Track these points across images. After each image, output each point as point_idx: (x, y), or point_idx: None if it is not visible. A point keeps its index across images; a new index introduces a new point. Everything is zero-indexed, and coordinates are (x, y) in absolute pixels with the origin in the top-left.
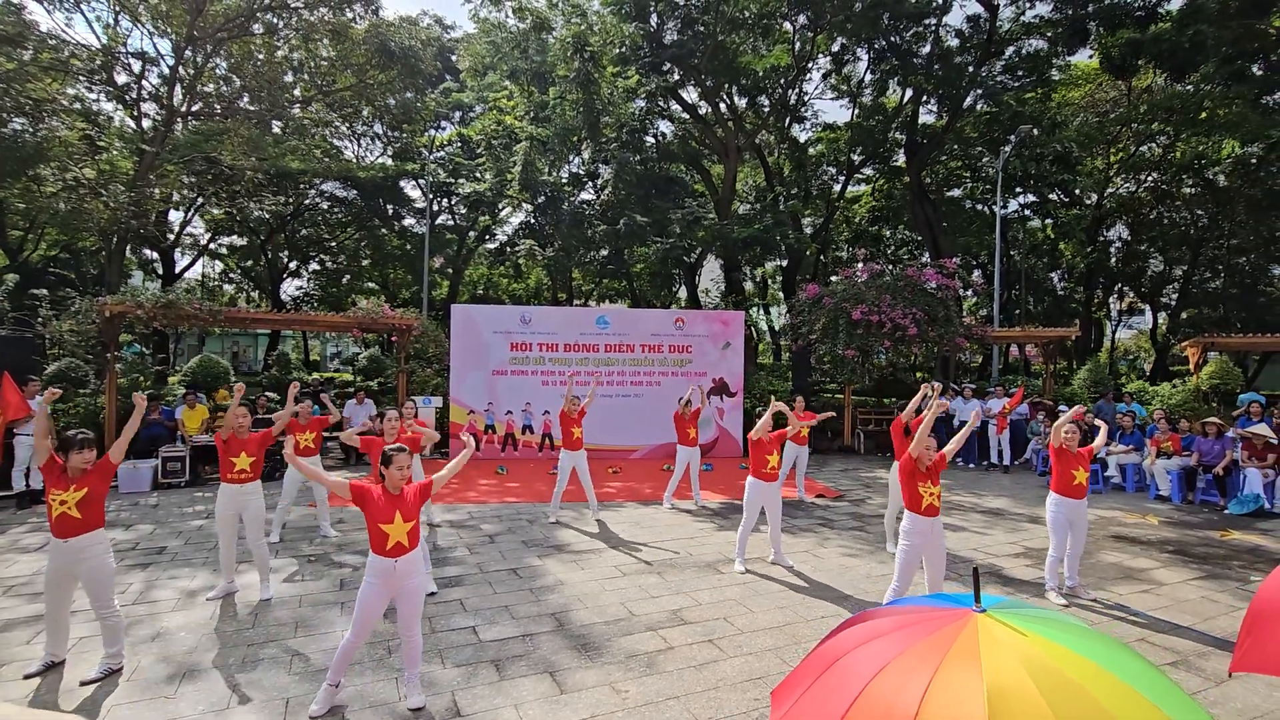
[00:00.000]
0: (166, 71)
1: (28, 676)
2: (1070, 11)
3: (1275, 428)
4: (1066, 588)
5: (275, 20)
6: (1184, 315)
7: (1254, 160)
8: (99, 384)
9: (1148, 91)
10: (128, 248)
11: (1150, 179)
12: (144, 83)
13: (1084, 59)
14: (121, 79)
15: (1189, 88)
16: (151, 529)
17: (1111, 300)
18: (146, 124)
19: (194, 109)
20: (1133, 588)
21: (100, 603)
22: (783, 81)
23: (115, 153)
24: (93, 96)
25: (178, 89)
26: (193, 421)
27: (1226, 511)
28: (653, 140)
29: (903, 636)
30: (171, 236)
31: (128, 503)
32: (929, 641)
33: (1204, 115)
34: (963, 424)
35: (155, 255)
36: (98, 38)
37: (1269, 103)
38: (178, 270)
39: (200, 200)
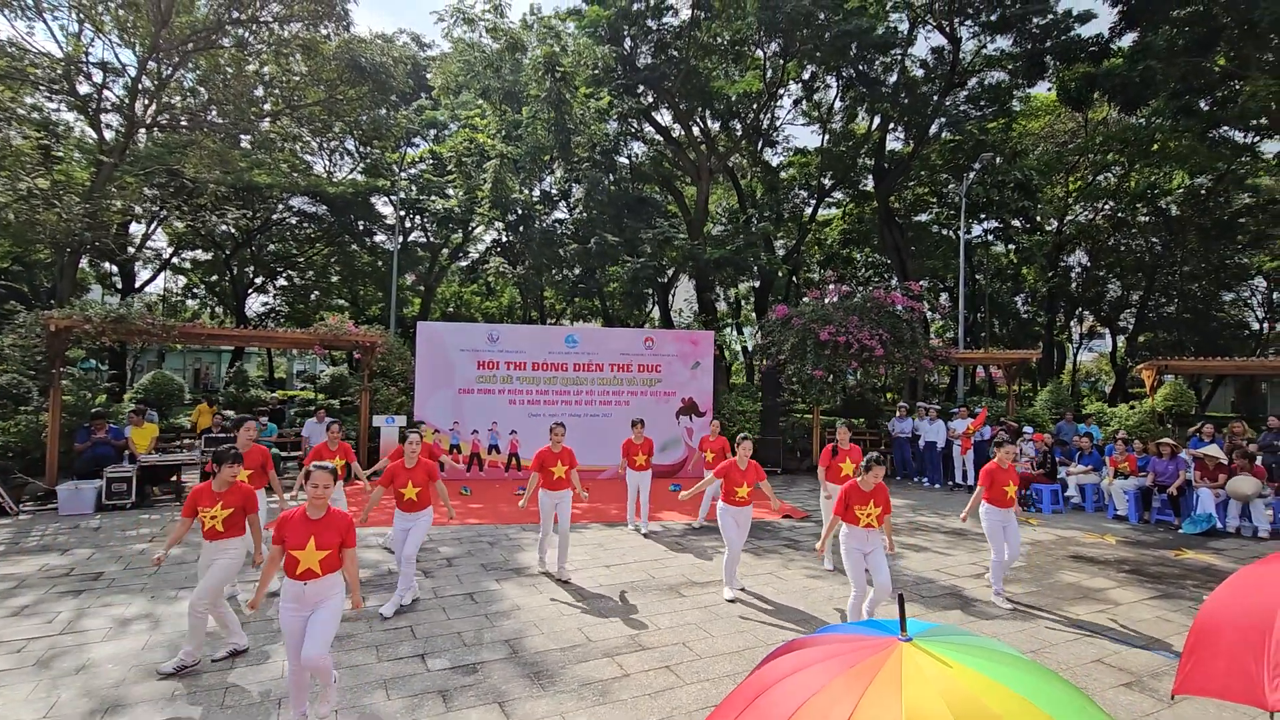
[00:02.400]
0: (130, 82)
1: (215, 661)
2: (1029, 46)
3: (1226, 450)
4: (995, 592)
5: (245, 34)
6: (1141, 339)
7: (1203, 191)
8: (42, 401)
9: (1103, 123)
10: (85, 260)
11: (1107, 207)
12: (106, 93)
13: (1043, 91)
14: (84, 89)
15: (1141, 121)
16: (90, 553)
17: (1072, 324)
18: (108, 135)
19: (159, 121)
20: (1090, 607)
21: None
22: (755, 106)
23: (73, 164)
24: (52, 106)
25: (141, 100)
26: (141, 440)
27: (1181, 531)
28: (626, 161)
29: (828, 668)
30: (132, 250)
31: (67, 525)
32: (854, 672)
33: (1155, 147)
34: (929, 444)
35: (114, 269)
36: (60, 47)
37: (1215, 136)
38: (138, 284)
39: (163, 213)
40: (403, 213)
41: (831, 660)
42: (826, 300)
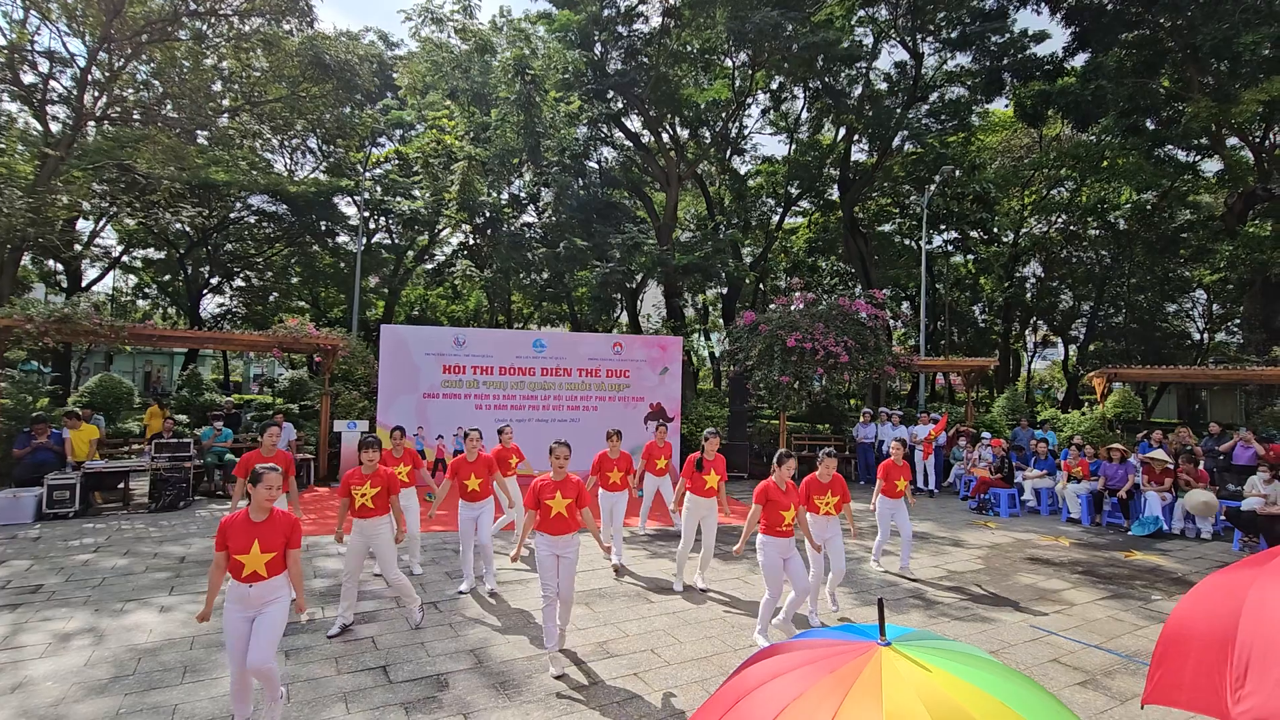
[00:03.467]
0: (78, 73)
1: (331, 638)
2: (988, 63)
3: (1171, 453)
4: (901, 566)
5: (203, 27)
6: (1091, 348)
7: (1149, 206)
8: None
9: (1057, 140)
10: (28, 257)
11: (1060, 220)
12: (53, 83)
13: (1001, 107)
14: (28, 78)
15: (1092, 138)
16: (29, 565)
17: (1027, 333)
18: (55, 127)
19: (109, 114)
20: (1046, 608)
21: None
22: (724, 115)
23: (15, 156)
24: None
25: (90, 92)
26: (80, 443)
27: (1130, 533)
28: (595, 166)
29: (808, 672)
30: (79, 247)
31: (4, 535)
32: (833, 678)
33: (1105, 164)
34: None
35: (59, 266)
36: (3, 34)
37: (1160, 155)
38: (85, 283)
39: (113, 209)
40: (367, 213)
41: (811, 665)
42: (793, 307)
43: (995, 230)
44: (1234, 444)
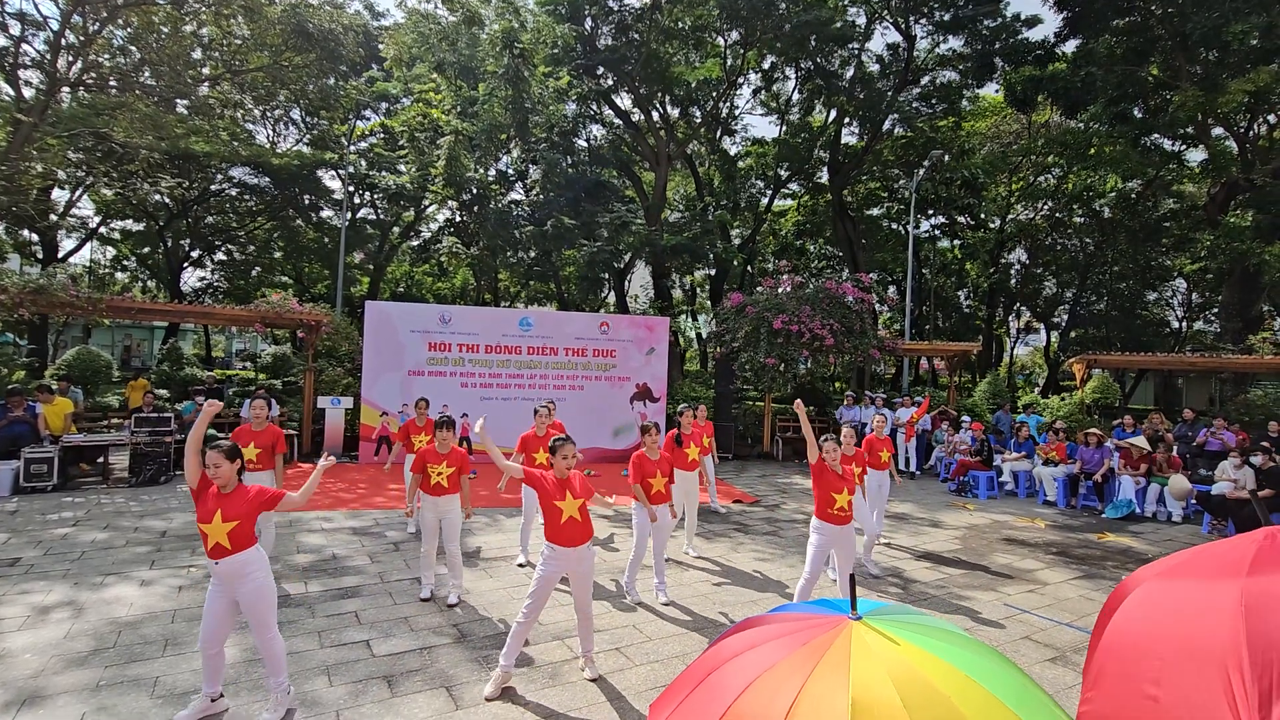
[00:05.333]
0: (51, 37)
1: (423, 600)
2: (979, 47)
3: (1147, 437)
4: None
5: None
6: (1072, 334)
7: (1133, 195)
8: None
9: (1045, 126)
10: (1, 227)
11: (1046, 207)
12: (25, 47)
13: (991, 92)
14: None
15: (1080, 125)
16: (6, 538)
17: (1011, 319)
18: (27, 93)
19: (85, 80)
20: (1020, 587)
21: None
22: (714, 94)
23: None
24: None
25: (64, 57)
26: (54, 416)
27: (1104, 516)
28: (584, 143)
29: (779, 646)
30: (55, 217)
31: None
32: (803, 651)
33: (1092, 151)
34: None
35: (34, 237)
36: None
37: (1147, 143)
38: (61, 254)
39: (89, 179)
40: (351, 188)
41: (783, 638)
42: (780, 290)
43: (982, 216)
44: (1205, 440)
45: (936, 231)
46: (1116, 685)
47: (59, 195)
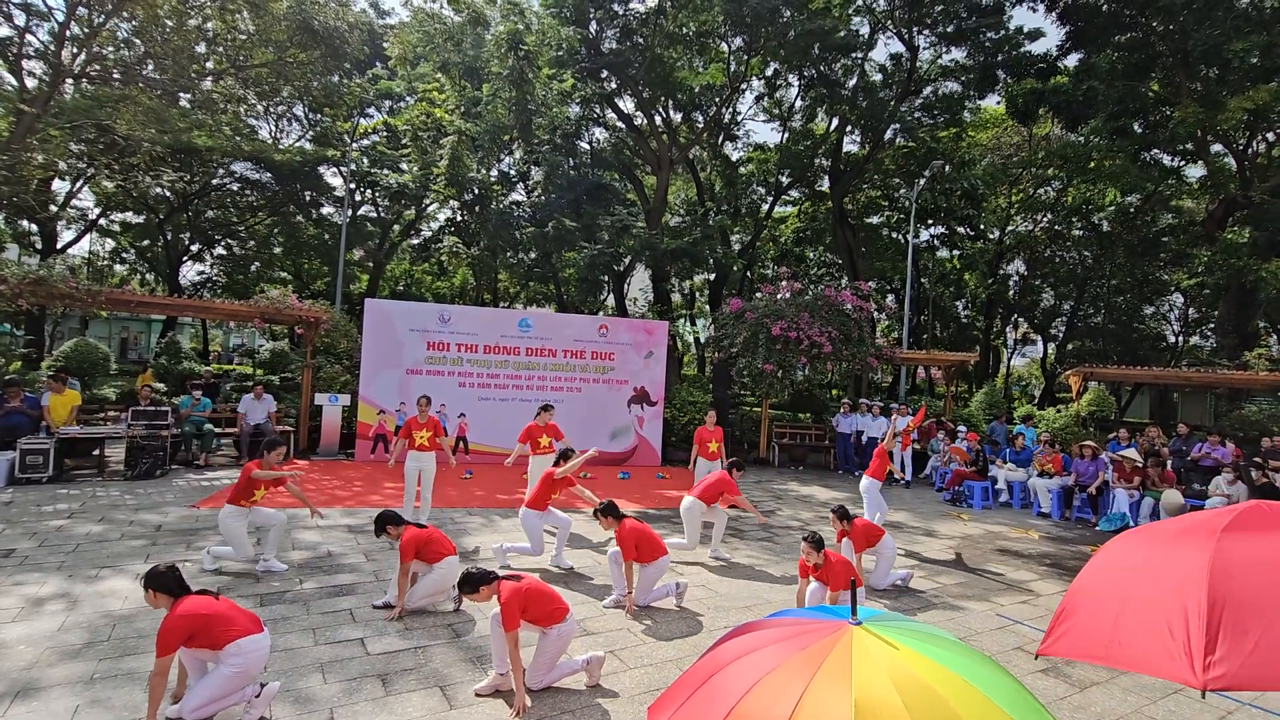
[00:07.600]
0: (56, 28)
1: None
2: (982, 59)
3: (1141, 452)
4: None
5: None
6: (1069, 347)
7: (1132, 209)
8: None
9: (1046, 139)
10: (0, 217)
11: (1045, 220)
12: (30, 38)
13: (993, 104)
14: (3, 31)
15: (1080, 139)
16: (0, 529)
17: (1008, 330)
18: (30, 83)
19: (88, 72)
20: (1013, 598)
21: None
22: (717, 100)
23: None
24: None
25: (69, 48)
26: (60, 409)
27: (1097, 528)
28: (587, 146)
29: (779, 650)
30: (55, 208)
31: None
32: (804, 655)
33: (1092, 165)
34: (871, 440)
35: (34, 227)
36: None
37: (1146, 158)
38: (60, 245)
39: (90, 171)
40: (353, 185)
41: (784, 642)
42: (779, 296)
43: (981, 227)
44: (1202, 455)
45: (936, 241)
46: (1084, 614)
47: (59, 186)
